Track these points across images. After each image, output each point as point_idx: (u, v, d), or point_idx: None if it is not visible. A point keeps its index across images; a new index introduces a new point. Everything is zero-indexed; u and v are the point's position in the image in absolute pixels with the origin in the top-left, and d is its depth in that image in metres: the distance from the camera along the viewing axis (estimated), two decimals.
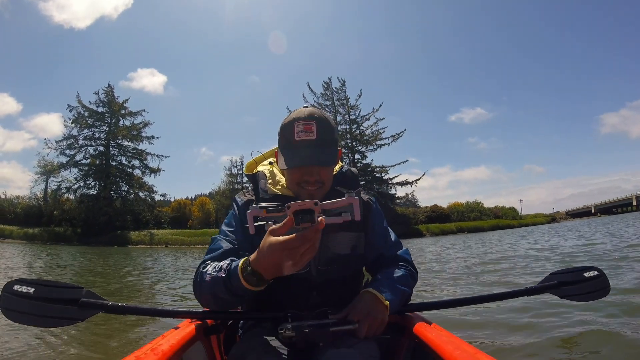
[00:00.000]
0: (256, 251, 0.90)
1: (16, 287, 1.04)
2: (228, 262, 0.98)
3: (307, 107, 1.11)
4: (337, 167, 1.25)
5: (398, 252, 1.25)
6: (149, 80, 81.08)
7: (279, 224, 0.84)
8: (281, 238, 0.83)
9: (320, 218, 0.81)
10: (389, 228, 1.28)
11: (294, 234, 0.82)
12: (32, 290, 1.05)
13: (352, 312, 1.02)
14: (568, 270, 1.37)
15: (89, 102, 34.98)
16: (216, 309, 1.12)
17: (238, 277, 0.92)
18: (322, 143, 1.07)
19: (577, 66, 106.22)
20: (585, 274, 1.35)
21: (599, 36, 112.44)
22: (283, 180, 1.20)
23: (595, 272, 1.36)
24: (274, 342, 1.02)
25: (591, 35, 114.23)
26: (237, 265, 0.93)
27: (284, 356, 0.89)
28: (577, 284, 1.33)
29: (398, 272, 1.18)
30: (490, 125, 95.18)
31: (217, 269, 0.98)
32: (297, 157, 1.06)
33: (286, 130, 1.09)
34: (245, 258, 0.93)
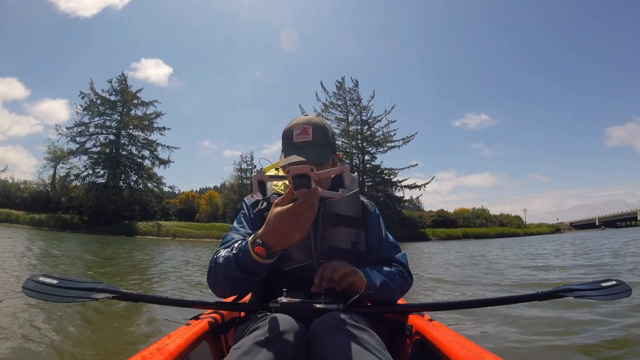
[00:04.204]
0: (264, 224, 0.95)
1: (41, 279, 1.11)
2: (239, 242, 1.04)
3: (306, 115, 1.25)
4: None
5: (394, 255, 1.30)
6: (154, 71, 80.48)
7: (282, 196, 0.92)
8: (286, 206, 0.89)
9: (317, 187, 0.88)
10: (388, 232, 1.34)
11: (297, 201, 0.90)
12: (55, 282, 1.12)
13: (330, 262, 1.12)
14: (583, 283, 1.32)
15: (102, 90, 34.90)
16: (230, 294, 1.15)
17: (248, 251, 0.97)
18: (317, 144, 1.18)
19: (583, 78, 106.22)
20: (603, 284, 1.31)
21: (606, 48, 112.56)
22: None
23: (614, 282, 1.31)
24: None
25: (598, 47, 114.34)
26: (248, 241, 0.99)
27: (285, 338, 0.87)
28: (593, 290, 1.28)
29: (387, 269, 1.23)
30: (495, 132, 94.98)
31: (229, 250, 1.05)
32: (295, 154, 1.17)
33: (287, 135, 1.21)
34: (254, 233, 0.99)
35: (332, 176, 1.29)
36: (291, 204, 0.88)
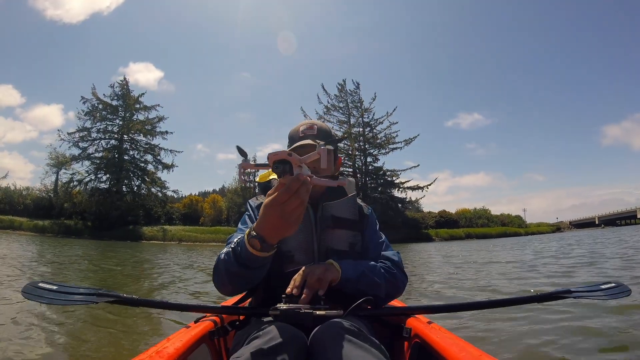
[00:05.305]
0: (258, 216, 0.94)
1: (40, 284, 1.13)
2: (239, 237, 1.03)
3: (310, 119, 1.32)
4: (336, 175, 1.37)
5: (383, 252, 1.29)
6: (143, 75, 78.83)
7: (274, 187, 0.88)
8: (271, 196, 0.87)
9: (301, 173, 0.84)
10: (382, 234, 1.35)
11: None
12: (54, 287, 1.13)
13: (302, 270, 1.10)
14: (583, 285, 1.34)
15: (103, 94, 34.83)
16: (233, 291, 1.15)
17: (244, 244, 0.96)
18: (320, 139, 1.23)
19: (577, 76, 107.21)
20: (602, 286, 1.32)
21: (600, 46, 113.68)
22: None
23: (613, 284, 1.33)
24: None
25: (592, 45, 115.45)
26: (244, 234, 0.99)
27: (285, 348, 0.86)
28: (592, 292, 1.30)
29: (371, 263, 1.21)
30: (488, 131, 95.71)
31: (230, 246, 1.06)
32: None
33: (293, 135, 1.29)
34: (251, 227, 0.97)
35: (335, 175, 1.32)
36: (275, 194, 0.86)
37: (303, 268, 1.10)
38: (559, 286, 4.73)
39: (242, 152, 0.92)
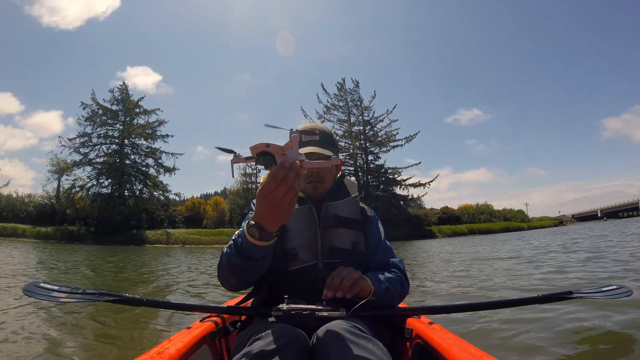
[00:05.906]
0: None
1: (42, 284, 1.14)
2: (241, 230, 1.05)
3: (311, 121, 1.38)
4: (337, 175, 1.40)
5: (391, 260, 1.33)
6: (141, 79, 79.56)
7: (264, 179, 0.90)
8: (260, 187, 0.89)
9: (285, 160, 0.84)
10: (386, 240, 1.38)
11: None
12: (55, 287, 1.14)
13: (338, 270, 1.12)
14: (586, 287, 1.39)
15: (103, 99, 34.81)
16: (236, 285, 1.15)
17: (244, 234, 0.98)
18: (322, 144, 1.28)
19: (576, 70, 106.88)
20: (604, 289, 1.35)
21: (599, 38, 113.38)
22: None
23: (615, 286, 1.36)
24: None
25: (591, 38, 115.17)
26: (244, 225, 1.01)
27: (287, 349, 0.86)
28: (594, 293, 1.33)
29: (387, 274, 1.25)
30: (488, 127, 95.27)
31: (232, 239, 1.07)
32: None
33: None
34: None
35: (337, 177, 1.37)
36: (263, 183, 0.88)
37: (339, 268, 1.13)
38: (559, 285, 4.74)
39: (226, 151, 0.93)
